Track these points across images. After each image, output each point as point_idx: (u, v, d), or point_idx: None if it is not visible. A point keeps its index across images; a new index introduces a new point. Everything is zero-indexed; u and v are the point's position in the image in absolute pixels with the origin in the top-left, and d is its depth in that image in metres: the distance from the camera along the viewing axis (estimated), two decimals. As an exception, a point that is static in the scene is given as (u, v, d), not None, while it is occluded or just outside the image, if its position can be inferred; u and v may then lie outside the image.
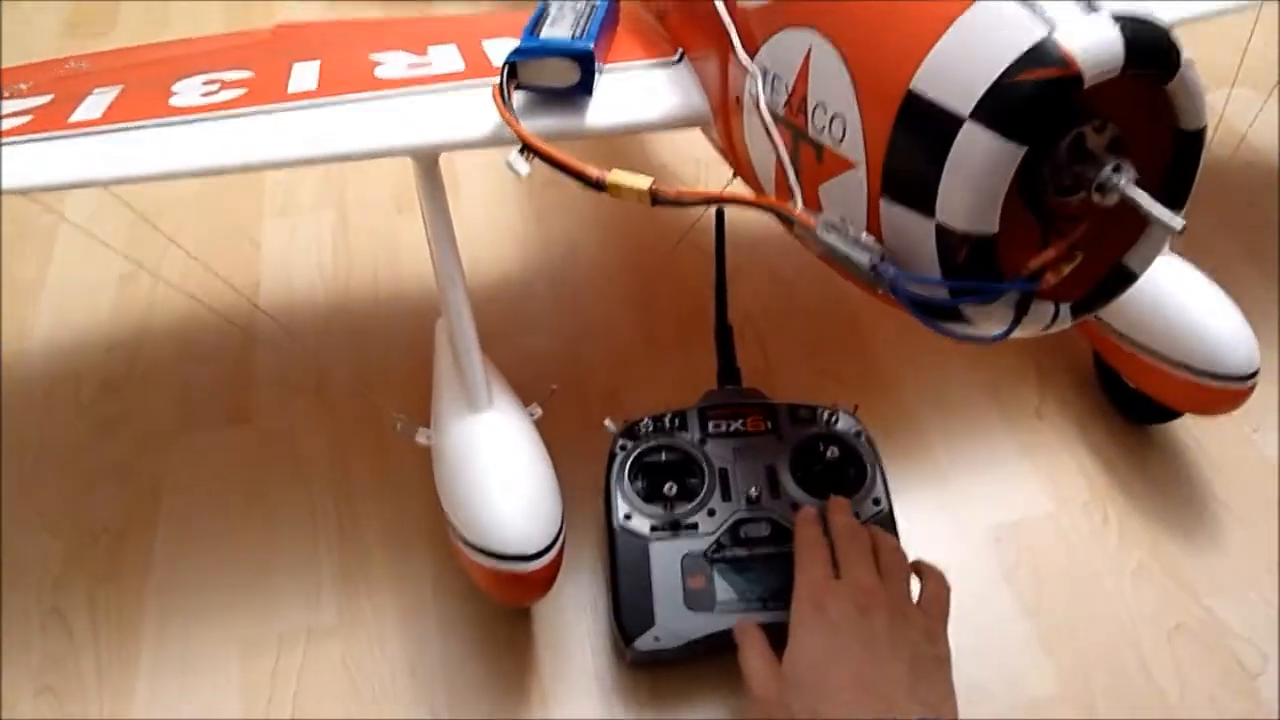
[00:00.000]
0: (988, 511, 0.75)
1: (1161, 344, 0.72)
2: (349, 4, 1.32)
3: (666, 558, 0.63)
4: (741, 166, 0.59)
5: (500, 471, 0.60)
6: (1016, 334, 0.44)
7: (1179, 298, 0.73)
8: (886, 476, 0.69)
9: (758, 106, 0.51)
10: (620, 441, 0.69)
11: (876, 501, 0.67)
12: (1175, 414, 0.78)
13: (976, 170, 0.39)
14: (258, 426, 0.81)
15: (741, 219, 0.61)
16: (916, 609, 0.56)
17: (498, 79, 0.56)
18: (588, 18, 0.61)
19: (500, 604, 0.66)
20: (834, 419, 0.71)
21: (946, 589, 0.58)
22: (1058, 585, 0.71)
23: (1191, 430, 0.80)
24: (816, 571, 0.56)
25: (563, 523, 0.60)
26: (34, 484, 0.77)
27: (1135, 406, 0.80)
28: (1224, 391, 0.70)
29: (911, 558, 0.60)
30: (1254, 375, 0.69)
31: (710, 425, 0.70)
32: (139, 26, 1.30)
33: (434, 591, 0.69)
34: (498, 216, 0.98)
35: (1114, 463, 0.78)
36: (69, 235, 0.97)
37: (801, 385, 0.81)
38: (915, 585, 0.59)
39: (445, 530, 0.63)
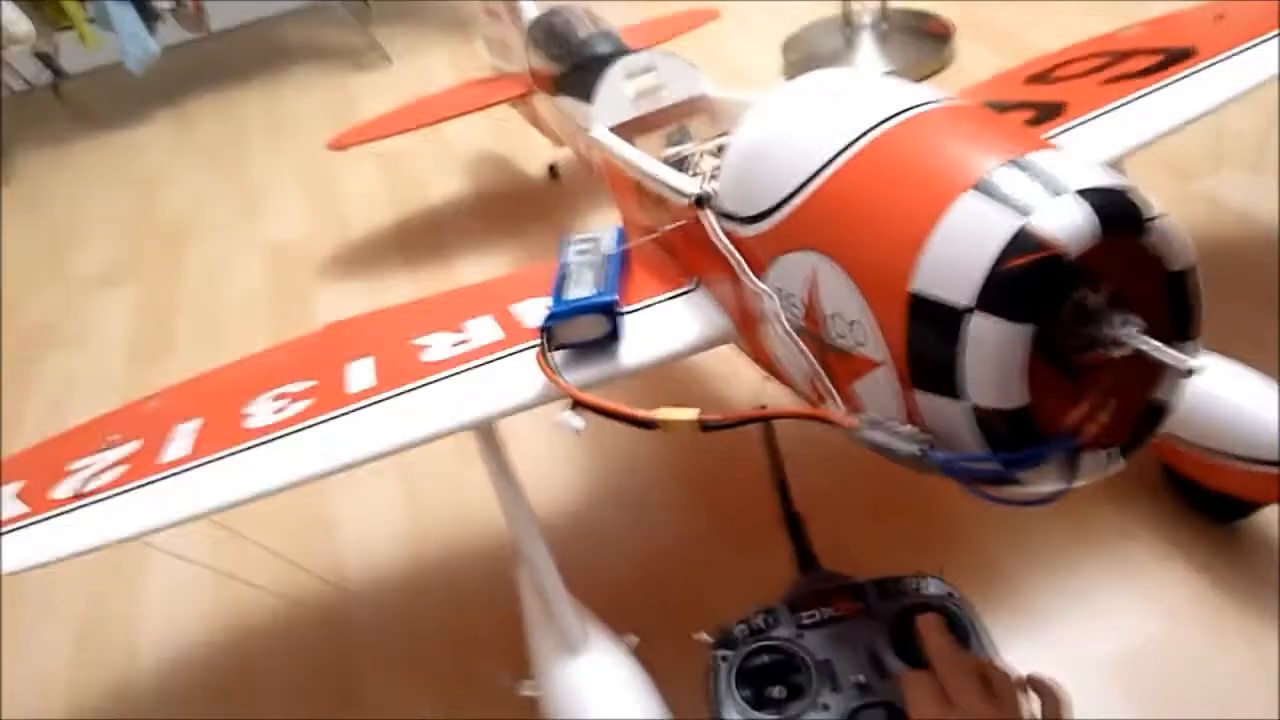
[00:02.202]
0: (1095, 645, 0.74)
1: (1223, 441, 0.73)
2: (382, 283, 1.42)
3: (792, 762, 0.63)
4: (774, 371, 0.63)
5: (610, 711, 0.61)
6: (1075, 486, 0.46)
7: (1228, 394, 0.74)
8: (988, 631, 0.68)
9: (778, 323, 0.55)
10: (719, 653, 0.69)
11: (985, 660, 0.66)
12: (1256, 505, 0.77)
13: (992, 353, 0.42)
14: (366, 709, 0.82)
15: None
16: None
17: (537, 343, 0.61)
18: (604, 269, 0.66)
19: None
20: (922, 585, 0.71)
21: (1066, 703, 0.57)
22: (1193, 703, 0.68)
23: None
24: (929, 708, 0.55)
25: (680, 752, 0.60)
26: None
27: (1215, 506, 0.79)
28: (1296, 476, 0.70)
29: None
30: (1320, 454, 0.69)
31: (803, 617, 0.70)
32: (194, 341, 1.40)
33: None
34: (555, 450, 1.02)
35: (1213, 567, 0.77)
36: (157, 558, 1.02)
37: (879, 554, 0.81)
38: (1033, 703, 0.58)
39: (567, 781, 0.63)
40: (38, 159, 2.17)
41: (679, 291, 0.69)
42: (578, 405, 0.56)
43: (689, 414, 0.52)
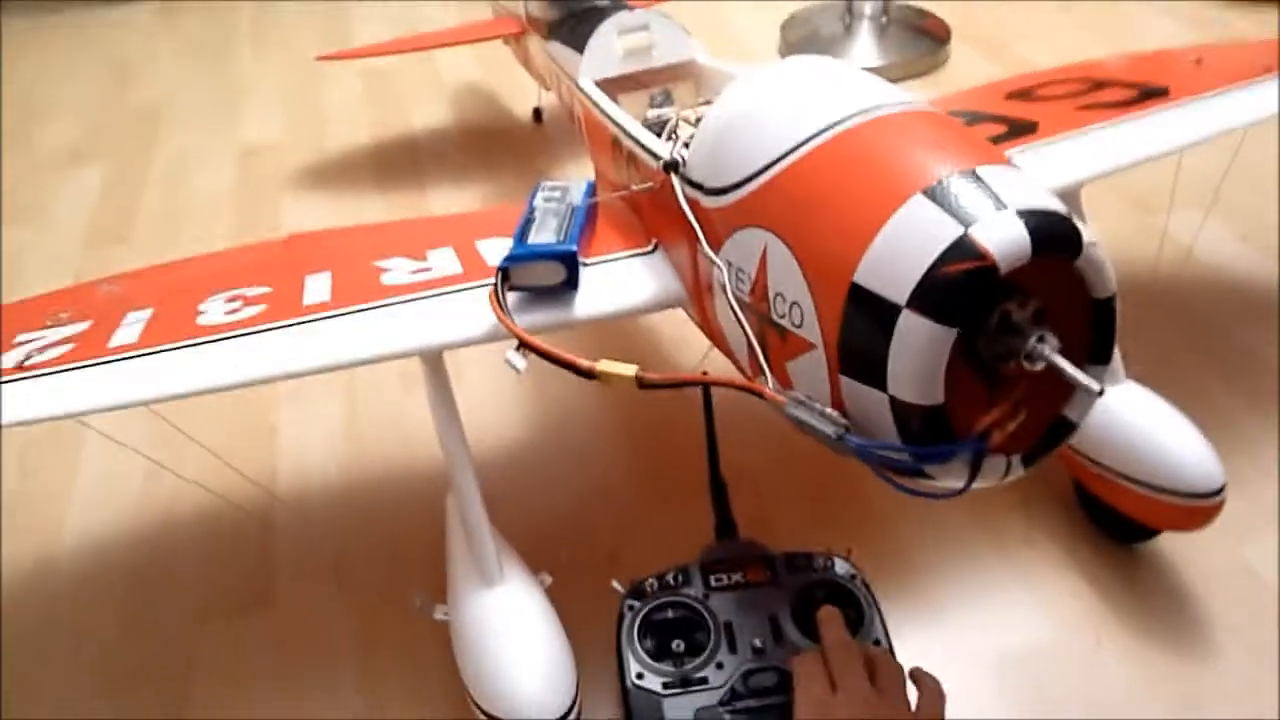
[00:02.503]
0: (988, 641, 0.78)
1: (1131, 468, 0.77)
2: (352, 201, 1.42)
3: (681, 713, 0.66)
4: (718, 341, 0.65)
5: (516, 645, 0.64)
6: (975, 486, 0.48)
7: (1143, 424, 0.78)
8: (884, 616, 0.72)
9: (725, 295, 0.57)
10: (628, 602, 0.72)
11: (876, 641, 0.70)
12: (1154, 531, 0.82)
13: (917, 351, 0.44)
14: (280, 611, 0.84)
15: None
16: (912, 714, 0.58)
17: (493, 282, 0.63)
18: (569, 219, 0.68)
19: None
20: (830, 564, 0.74)
21: (942, 696, 0.61)
22: (1064, 709, 0.73)
23: (1177, 545, 0.83)
24: (815, 689, 0.59)
25: (578, 689, 0.63)
26: (72, 681, 0.80)
27: (1118, 527, 0.83)
28: (1194, 509, 0.74)
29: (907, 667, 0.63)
30: (1219, 492, 0.73)
31: (712, 579, 0.73)
32: (153, 231, 1.39)
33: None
34: (499, 389, 1.04)
35: (1105, 583, 0.81)
36: (94, 438, 1.03)
37: (797, 532, 0.84)
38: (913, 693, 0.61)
39: (466, 703, 0.66)
40: (13, 24, 2.11)
41: (638, 251, 0.71)
42: (522, 346, 0.58)
43: (628, 369, 0.54)
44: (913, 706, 0.60)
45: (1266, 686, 0.73)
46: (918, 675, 0.62)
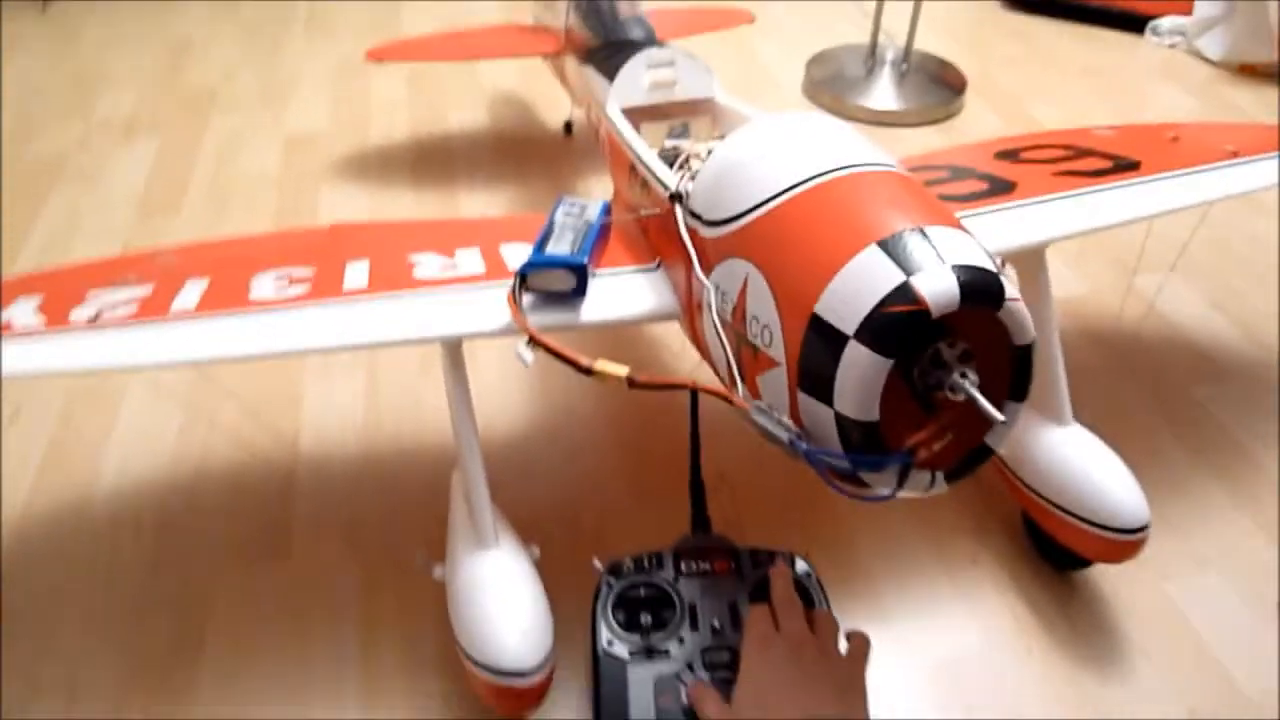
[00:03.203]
0: (926, 648, 0.86)
1: (1069, 502, 0.85)
2: (387, 194, 1.51)
3: (642, 679, 0.74)
4: (704, 353, 0.74)
5: (502, 601, 0.73)
6: (902, 494, 0.57)
7: (1083, 463, 0.86)
8: (834, 613, 0.80)
9: (710, 313, 0.66)
10: (605, 578, 0.81)
11: (823, 633, 0.78)
12: (1089, 562, 0.90)
13: (859, 375, 0.53)
14: (295, 562, 0.93)
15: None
16: (841, 655, 0.68)
17: (512, 283, 0.72)
18: (584, 234, 0.77)
19: (501, 715, 0.77)
20: (788, 561, 0.83)
21: (868, 643, 0.70)
22: (985, 711, 0.81)
23: (1109, 577, 0.91)
24: (760, 626, 0.69)
25: (553, 645, 0.72)
26: (99, 613, 0.89)
27: (1056, 555, 0.92)
28: (1120, 543, 0.82)
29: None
30: (1143, 529, 0.82)
31: (683, 566, 0.81)
32: (201, 205, 1.49)
33: (445, 706, 0.81)
34: (509, 380, 1.13)
35: (1040, 605, 0.90)
36: (135, 392, 1.12)
37: (766, 533, 0.93)
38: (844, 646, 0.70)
39: (456, 652, 0.75)
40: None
41: (643, 268, 0.80)
42: (532, 342, 0.67)
43: (621, 369, 0.63)
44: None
45: (1171, 704, 0.81)
46: (850, 632, 0.71)
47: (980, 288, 0.53)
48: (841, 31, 2.03)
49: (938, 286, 0.52)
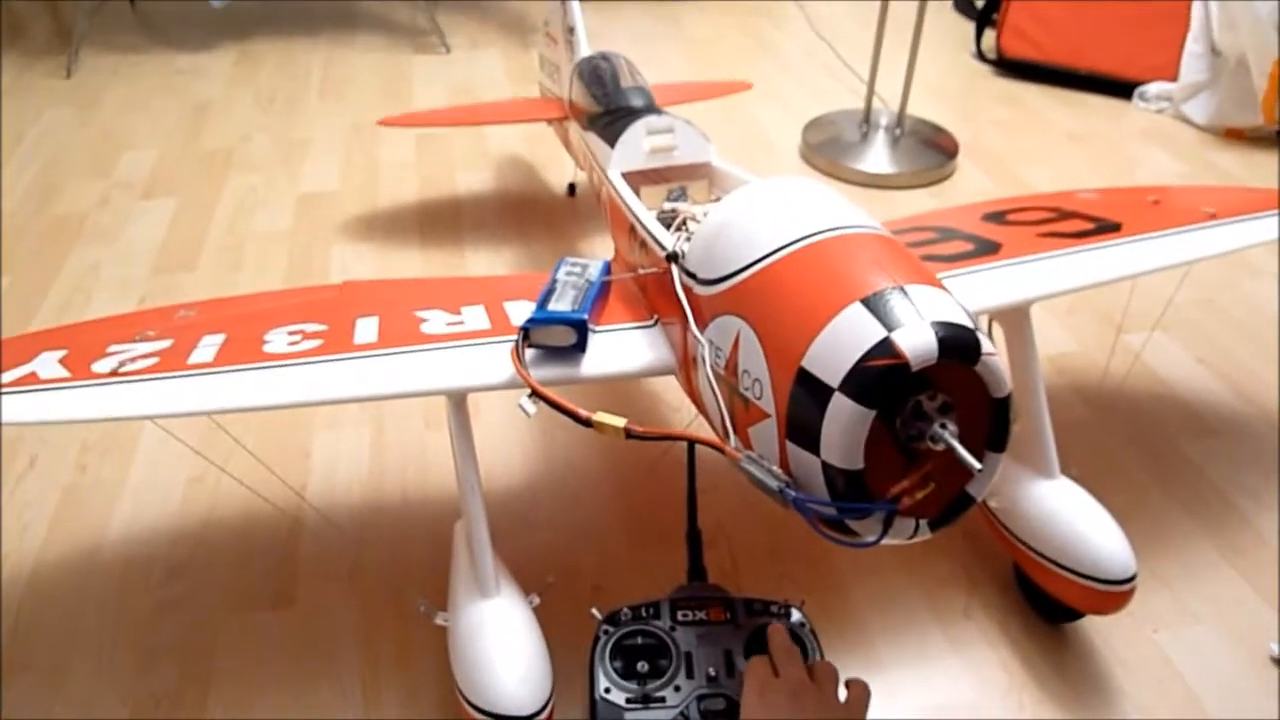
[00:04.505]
0: (920, 698, 0.88)
1: (1059, 554, 0.87)
2: (396, 252, 1.56)
3: (639, 726, 0.76)
4: (699, 405, 0.77)
5: (502, 648, 0.75)
6: (886, 541, 0.60)
7: (1071, 516, 0.88)
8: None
9: (705, 367, 0.69)
10: (604, 627, 0.83)
11: (817, 683, 0.80)
12: (1079, 614, 0.92)
13: (844, 425, 0.56)
14: (300, 608, 0.95)
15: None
16: (840, 702, 0.69)
17: (515, 339, 0.75)
18: (585, 292, 0.80)
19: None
20: (783, 612, 0.85)
21: (868, 691, 0.71)
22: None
23: (1100, 629, 0.93)
24: (761, 672, 0.70)
25: (552, 691, 0.73)
26: (107, 655, 0.91)
27: (1047, 607, 0.93)
28: (1108, 594, 0.84)
29: None
30: (1130, 580, 0.83)
31: (679, 615, 0.83)
32: (216, 262, 1.53)
33: (443, 754, 0.82)
34: (511, 432, 1.16)
35: (1031, 657, 0.91)
36: (148, 443, 1.15)
37: (762, 584, 0.95)
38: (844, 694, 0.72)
39: (456, 697, 0.76)
40: (104, 62, 2.30)
41: (640, 324, 0.83)
42: (534, 394, 0.70)
43: (619, 421, 0.66)
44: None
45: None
46: (850, 680, 0.73)
47: (958, 343, 0.56)
48: (837, 97, 2.09)
49: (917, 341, 0.56)
